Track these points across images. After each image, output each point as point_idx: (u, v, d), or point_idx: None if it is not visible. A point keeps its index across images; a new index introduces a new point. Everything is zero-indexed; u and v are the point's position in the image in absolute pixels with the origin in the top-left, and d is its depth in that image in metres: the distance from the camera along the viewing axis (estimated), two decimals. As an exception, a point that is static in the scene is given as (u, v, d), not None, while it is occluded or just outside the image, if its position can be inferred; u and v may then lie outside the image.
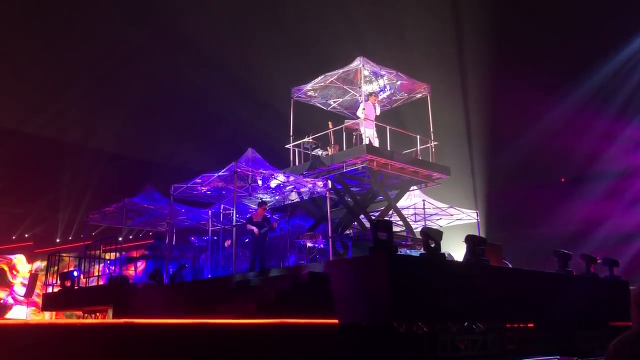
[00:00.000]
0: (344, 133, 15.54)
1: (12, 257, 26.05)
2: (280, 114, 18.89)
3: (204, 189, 14.80)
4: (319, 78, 15.81)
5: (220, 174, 13.72)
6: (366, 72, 15.57)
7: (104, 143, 28.84)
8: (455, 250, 14.91)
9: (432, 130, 16.27)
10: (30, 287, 24.88)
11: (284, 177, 14.68)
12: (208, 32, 25.29)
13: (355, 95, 16.46)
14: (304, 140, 15.76)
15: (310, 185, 14.80)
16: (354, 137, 15.48)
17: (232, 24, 26.66)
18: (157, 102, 27.95)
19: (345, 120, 15.87)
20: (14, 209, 26.07)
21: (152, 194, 16.03)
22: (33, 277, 25.35)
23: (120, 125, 27.04)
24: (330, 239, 13.55)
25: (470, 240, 10.50)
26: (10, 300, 25.28)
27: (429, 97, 16.65)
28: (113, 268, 15.50)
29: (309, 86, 16.32)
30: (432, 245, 9.55)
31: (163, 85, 26.55)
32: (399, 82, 16.40)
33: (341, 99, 17.18)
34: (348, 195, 15.73)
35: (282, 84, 19.36)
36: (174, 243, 15.96)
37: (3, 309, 24.34)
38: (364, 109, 14.99)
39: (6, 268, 25.79)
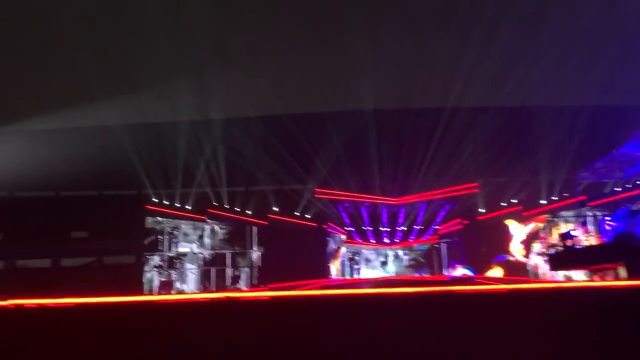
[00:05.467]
0: None
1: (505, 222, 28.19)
2: None
3: None
4: None
5: None
6: None
7: (563, 99, 28.03)
8: None
9: None
10: (528, 249, 26.46)
11: None
12: None
13: None
14: None
15: None
16: None
17: None
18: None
19: None
20: (497, 178, 28.13)
21: (641, 141, 14.60)
22: (529, 239, 26.86)
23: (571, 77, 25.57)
24: None
25: None
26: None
27: None
28: (614, 224, 14.78)
29: None
30: None
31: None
32: None
33: None
34: None
35: None
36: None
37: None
38: None
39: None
